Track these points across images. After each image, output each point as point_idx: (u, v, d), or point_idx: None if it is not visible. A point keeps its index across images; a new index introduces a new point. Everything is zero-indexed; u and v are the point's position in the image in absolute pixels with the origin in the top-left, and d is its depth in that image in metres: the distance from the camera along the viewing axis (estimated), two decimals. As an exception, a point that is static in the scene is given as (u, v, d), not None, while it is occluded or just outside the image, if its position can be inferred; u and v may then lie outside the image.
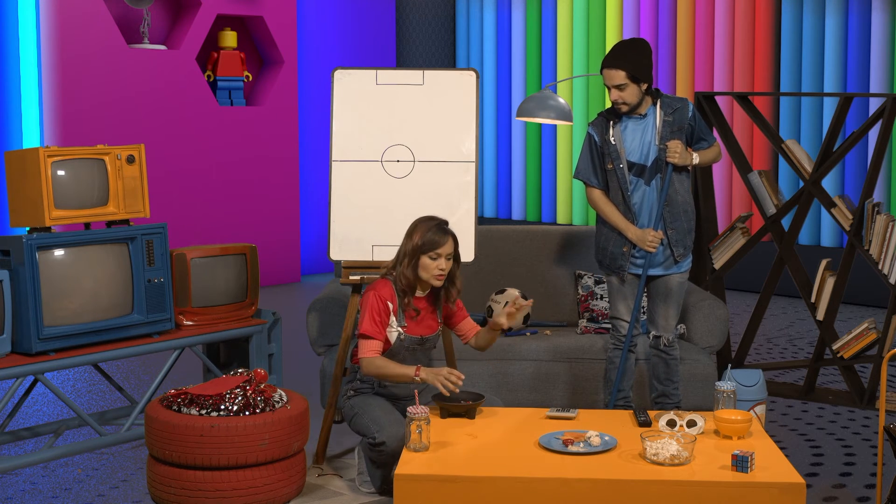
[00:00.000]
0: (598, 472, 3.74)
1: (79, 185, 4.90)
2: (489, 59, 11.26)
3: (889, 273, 5.63)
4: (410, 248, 4.37)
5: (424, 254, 4.36)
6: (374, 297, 4.38)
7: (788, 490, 3.65)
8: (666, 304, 4.93)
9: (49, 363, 4.70)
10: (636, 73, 4.70)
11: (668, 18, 9.85)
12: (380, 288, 4.41)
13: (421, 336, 4.47)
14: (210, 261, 5.24)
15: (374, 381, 4.48)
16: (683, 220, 4.89)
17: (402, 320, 4.43)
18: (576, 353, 5.34)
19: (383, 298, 4.38)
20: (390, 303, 4.40)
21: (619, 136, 4.83)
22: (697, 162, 4.82)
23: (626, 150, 4.82)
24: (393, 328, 4.42)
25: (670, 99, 4.85)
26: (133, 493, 4.53)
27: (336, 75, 4.96)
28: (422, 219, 4.46)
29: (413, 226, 4.44)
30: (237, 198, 9.27)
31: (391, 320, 4.41)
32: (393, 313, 4.41)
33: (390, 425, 4.30)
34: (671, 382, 4.97)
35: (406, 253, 4.38)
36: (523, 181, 11.06)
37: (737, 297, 8.90)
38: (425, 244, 4.36)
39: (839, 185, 8.84)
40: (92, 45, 8.40)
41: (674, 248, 4.87)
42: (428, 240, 4.35)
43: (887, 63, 8.55)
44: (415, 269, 4.38)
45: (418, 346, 4.48)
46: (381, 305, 4.38)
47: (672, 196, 4.85)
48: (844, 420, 5.56)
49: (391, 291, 4.42)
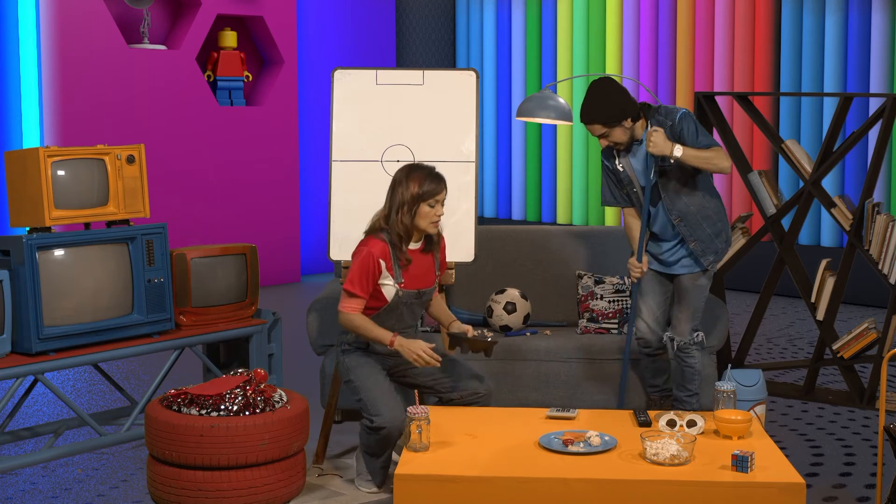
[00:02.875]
0: (598, 472, 3.74)
1: (79, 185, 4.90)
2: (489, 59, 11.25)
3: (889, 273, 5.63)
4: (409, 196, 4.36)
5: (424, 202, 4.37)
6: (368, 257, 4.37)
7: (788, 490, 3.65)
8: (679, 304, 4.90)
9: (49, 363, 4.70)
10: (609, 122, 4.66)
11: (668, 18, 9.85)
12: (373, 246, 4.40)
13: (418, 290, 4.47)
14: (210, 261, 5.24)
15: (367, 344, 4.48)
16: (706, 226, 4.81)
17: (399, 276, 4.42)
18: (576, 353, 5.34)
19: (376, 257, 4.37)
20: (383, 261, 4.39)
21: (626, 163, 4.83)
22: (680, 155, 4.61)
23: (637, 175, 4.82)
24: (389, 284, 4.41)
25: (663, 116, 4.74)
26: (133, 493, 4.53)
27: (336, 75, 4.96)
28: (411, 167, 4.44)
29: (403, 175, 4.41)
30: (237, 198, 9.27)
31: (386, 278, 4.40)
32: (388, 270, 4.40)
33: (389, 410, 4.31)
34: (685, 389, 4.94)
35: (405, 202, 4.37)
36: (523, 181, 11.06)
37: (737, 297, 8.90)
38: (425, 193, 4.36)
39: (839, 185, 8.84)
40: (92, 45, 8.40)
41: (701, 258, 4.83)
42: (427, 188, 4.36)
43: (887, 63, 8.55)
44: (413, 217, 4.38)
45: (416, 301, 4.47)
46: (373, 265, 4.37)
47: (680, 209, 4.79)
48: (844, 420, 5.56)
49: (383, 249, 4.40)
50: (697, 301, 4.88)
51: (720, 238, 4.86)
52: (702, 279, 4.87)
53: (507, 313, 5.54)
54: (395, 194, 4.41)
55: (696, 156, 4.64)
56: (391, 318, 4.46)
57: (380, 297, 4.43)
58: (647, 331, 4.94)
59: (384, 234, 4.43)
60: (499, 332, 5.59)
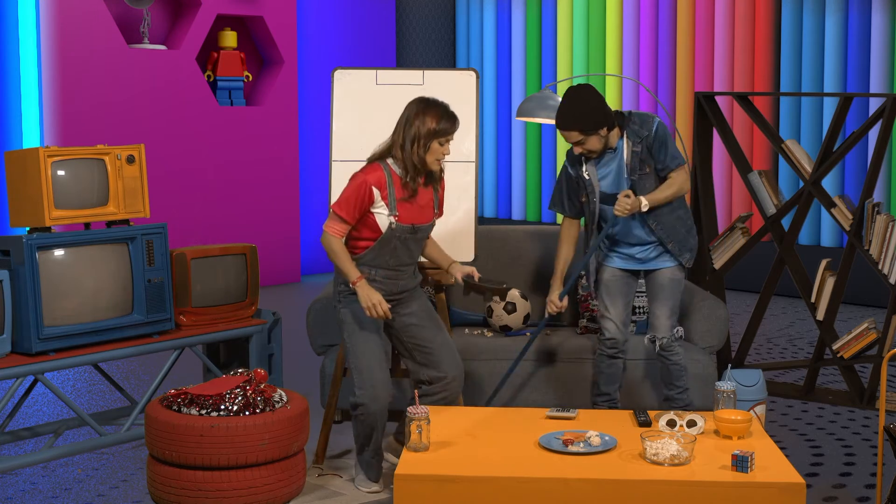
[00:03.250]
0: (598, 472, 3.74)
1: (79, 185, 4.90)
2: (489, 59, 11.25)
3: (889, 273, 5.63)
4: (425, 131, 4.30)
5: (437, 139, 4.33)
6: (362, 184, 4.34)
7: (788, 490, 3.65)
8: (657, 300, 4.86)
9: (49, 363, 4.70)
10: (587, 129, 4.64)
11: (668, 18, 9.85)
12: (369, 174, 4.36)
13: (413, 225, 4.41)
14: (210, 261, 5.24)
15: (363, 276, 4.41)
16: (679, 227, 4.82)
17: (394, 209, 4.38)
18: (576, 353, 5.34)
19: (369, 185, 4.34)
20: (377, 190, 4.35)
21: (592, 171, 4.78)
22: (647, 207, 4.67)
23: (601, 184, 4.79)
24: (384, 214, 4.37)
25: (637, 126, 4.74)
26: (133, 493, 4.53)
27: (336, 75, 4.96)
28: (427, 102, 4.37)
29: (419, 108, 4.35)
30: (237, 198, 9.27)
31: (380, 206, 4.36)
32: (382, 199, 4.36)
33: (374, 386, 4.34)
34: (674, 387, 4.92)
35: (420, 136, 4.31)
36: (523, 181, 11.06)
37: (737, 297, 8.90)
38: (440, 130, 4.31)
39: (839, 185, 8.84)
40: (92, 45, 8.40)
41: (679, 257, 4.83)
42: (443, 126, 4.32)
43: (887, 63, 8.55)
44: (426, 152, 4.33)
45: (410, 236, 4.43)
46: (365, 192, 4.33)
47: (658, 214, 4.76)
48: (844, 420, 5.56)
49: (380, 178, 4.36)
50: (675, 296, 4.86)
51: (691, 234, 4.88)
52: (679, 273, 4.87)
53: (507, 313, 5.54)
54: (409, 127, 4.34)
55: (664, 198, 4.72)
56: (385, 253, 4.40)
57: (374, 227, 4.38)
58: (616, 331, 4.88)
59: (387, 163, 4.39)
60: (499, 332, 5.60)
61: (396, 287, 4.49)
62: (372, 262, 4.41)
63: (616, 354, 4.90)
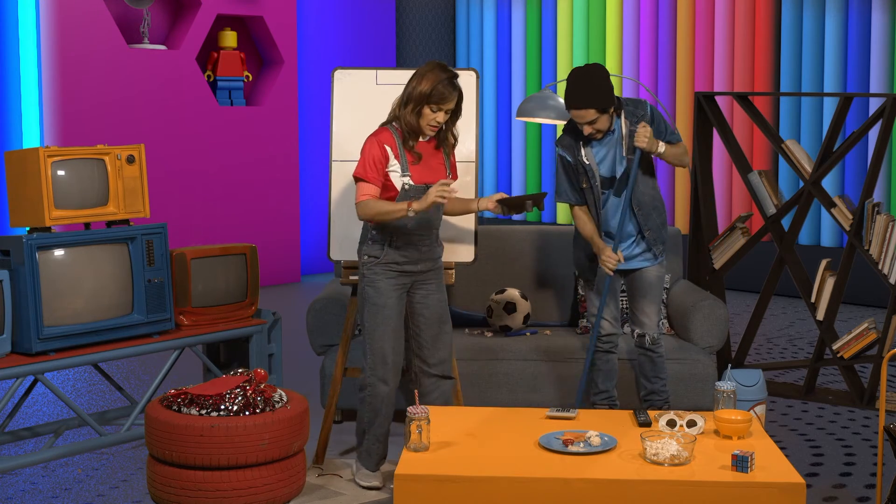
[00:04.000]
0: (598, 472, 3.74)
1: (79, 185, 4.90)
2: (489, 59, 11.26)
3: (889, 273, 5.63)
4: (417, 94, 4.31)
5: (429, 104, 4.32)
6: (372, 143, 4.37)
7: (788, 490, 3.65)
8: (646, 298, 4.91)
9: (49, 363, 4.70)
10: (604, 105, 4.66)
11: (668, 18, 9.85)
12: (378, 133, 4.40)
13: (426, 184, 4.40)
14: (210, 261, 5.24)
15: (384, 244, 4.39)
16: (655, 216, 4.87)
17: (406, 168, 4.38)
18: (576, 354, 5.34)
19: (381, 143, 4.36)
20: (389, 147, 4.36)
21: (591, 156, 4.79)
22: (663, 151, 4.71)
23: (598, 167, 4.80)
24: (397, 174, 4.38)
25: (633, 106, 4.79)
26: (133, 493, 4.53)
27: (336, 75, 4.96)
28: (437, 66, 4.36)
29: (426, 69, 4.35)
30: (237, 198, 9.27)
31: (394, 165, 4.37)
32: (395, 158, 4.37)
33: (385, 368, 4.37)
34: (659, 379, 4.98)
35: (412, 98, 4.32)
36: (523, 181, 11.06)
37: (737, 297, 8.90)
38: (433, 95, 4.30)
39: (839, 185, 8.84)
40: (92, 45, 8.40)
41: (653, 247, 4.86)
42: (437, 91, 4.29)
43: (887, 63, 8.55)
44: (418, 115, 4.33)
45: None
46: (380, 151, 4.35)
47: (639, 198, 4.81)
48: (844, 420, 5.56)
49: (389, 137, 4.39)
50: (660, 292, 4.95)
51: (664, 228, 4.93)
52: (662, 270, 4.93)
53: (507, 313, 5.54)
54: (408, 86, 4.36)
55: (675, 154, 4.79)
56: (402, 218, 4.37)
57: (390, 187, 4.38)
58: (611, 327, 4.95)
59: (393, 126, 4.41)
60: (499, 332, 5.60)
61: (418, 253, 4.46)
62: (393, 228, 4.39)
63: (611, 349, 4.94)
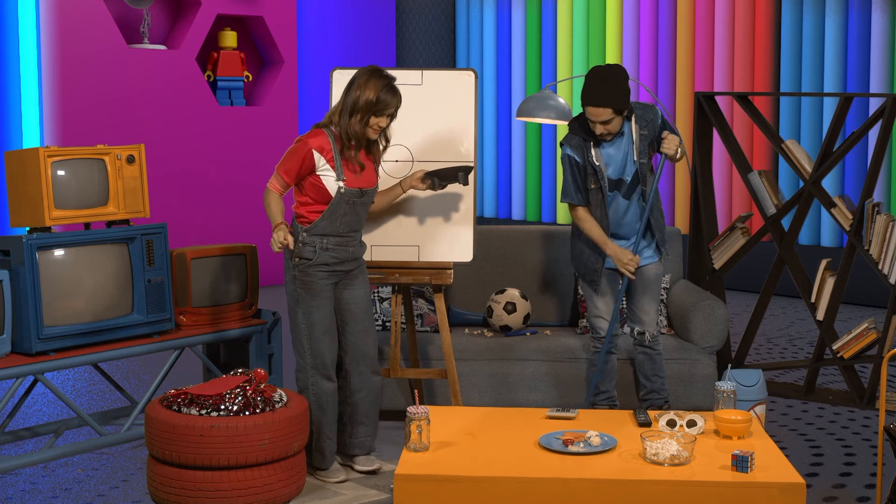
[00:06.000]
0: (598, 472, 3.75)
1: (79, 185, 4.90)
2: (489, 59, 11.25)
3: (889, 273, 5.63)
4: (364, 103, 4.36)
5: (375, 114, 4.38)
6: (302, 147, 4.42)
7: (788, 490, 3.65)
8: (646, 296, 4.92)
9: (49, 363, 4.70)
10: (622, 107, 4.66)
11: (668, 18, 9.85)
12: (311, 138, 4.44)
13: (360, 188, 4.49)
14: (210, 261, 5.24)
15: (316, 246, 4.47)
16: (659, 216, 4.93)
17: (342, 174, 4.43)
18: (576, 354, 5.34)
19: (309, 149, 4.40)
20: (319, 153, 4.41)
21: (600, 157, 4.80)
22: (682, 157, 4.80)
23: (607, 169, 4.81)
24: (331, 178, 4.43)
25: (642, 111, 4.80)
26: (133, 493, 4.53)
27: (335, 75, 4.96)
28: (372, 72, 4.42)
29: (363, 78, 4.40)
30: (237, 198, 9.27)
31: (325, 169, 4.42)
32: (329, 163, 4.42)
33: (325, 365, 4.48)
34: (658, 378, 4.98)
35: (358, 108, 4.37)
36: (523, 181, 11.06)
37: (737, 297, 8.90)
38: (379, 104, 4.37)
39: (839, 185, 8.84)
40: (92, 45, 8.40)
41: (662, 246, 4.92)
42: (382, 100, 4.37)
43: (887, 63, 8.55)
44: (365, 124, 4.39)
45: (357, 199, 4.49)
46: (304, 155, 4.40)
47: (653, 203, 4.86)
48: (844, 420, 5.56)
49: (323, 143, 4.43)
50: (659, 289, 4.97)
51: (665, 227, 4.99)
52: (661, 268, 4.97)
53: (507, 313, 5.54)
54: (349, 95, 4.41)
55: (685, 158, 4.93)
56: (336, 219, 4.46)
57: (324, 193, 4.44)
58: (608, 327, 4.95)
59: (330, 129, 4.46)
60: (499, 332, 5.60)
61: (347, 254, 4.54)
62: (324, 230, 4.47)
63: (611, 349, 4.94)
